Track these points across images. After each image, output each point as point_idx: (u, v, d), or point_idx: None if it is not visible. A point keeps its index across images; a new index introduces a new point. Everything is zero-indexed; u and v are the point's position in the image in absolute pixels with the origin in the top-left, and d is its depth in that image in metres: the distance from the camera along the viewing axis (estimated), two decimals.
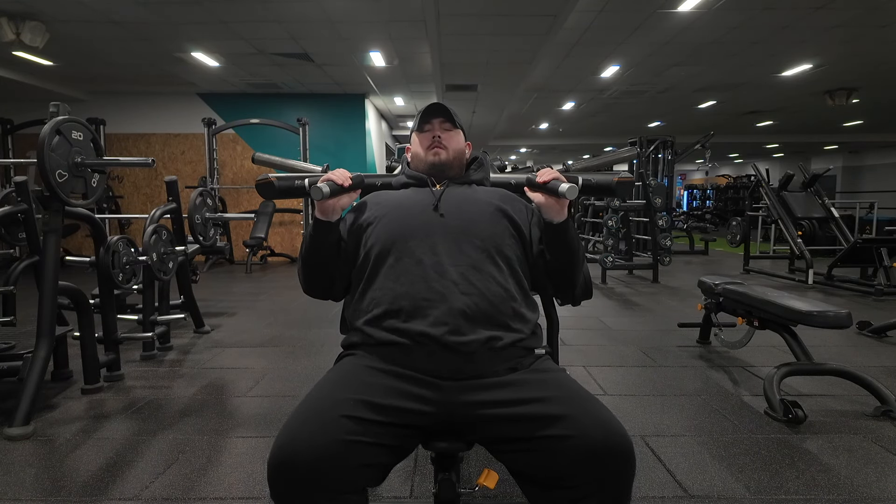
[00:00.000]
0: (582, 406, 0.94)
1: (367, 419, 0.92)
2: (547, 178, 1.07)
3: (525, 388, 0.99)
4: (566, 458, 0.89)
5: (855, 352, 3.03)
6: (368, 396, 0.95)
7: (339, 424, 0.90)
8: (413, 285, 1.05)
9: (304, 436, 0.88)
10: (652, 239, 5.58)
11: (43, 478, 1.67)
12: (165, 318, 3.04)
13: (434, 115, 1.28)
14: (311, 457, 0.86)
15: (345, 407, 0.93)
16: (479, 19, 4.67)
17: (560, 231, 1.11)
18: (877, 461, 1.76)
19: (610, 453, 0.88)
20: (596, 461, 0.87)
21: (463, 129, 1.32)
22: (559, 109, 9.65)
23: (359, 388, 0.98)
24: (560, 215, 1.09)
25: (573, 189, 1.02)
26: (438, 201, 1.17)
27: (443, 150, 1.26)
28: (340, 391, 0.97)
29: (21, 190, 2.47)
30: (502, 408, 0.96)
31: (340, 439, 0.88)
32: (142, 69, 6.30)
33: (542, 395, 0.97)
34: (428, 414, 0.98)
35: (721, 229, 11.45)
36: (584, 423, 0.90)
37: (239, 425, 2.07)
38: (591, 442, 0.88)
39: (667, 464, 1.74)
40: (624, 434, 0.90)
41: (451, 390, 0.99)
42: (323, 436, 0.88)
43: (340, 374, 1.04)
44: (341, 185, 1.08)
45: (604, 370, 2.72)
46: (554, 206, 1.08)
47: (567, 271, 1.16)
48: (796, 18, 4.84)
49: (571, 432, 0.89)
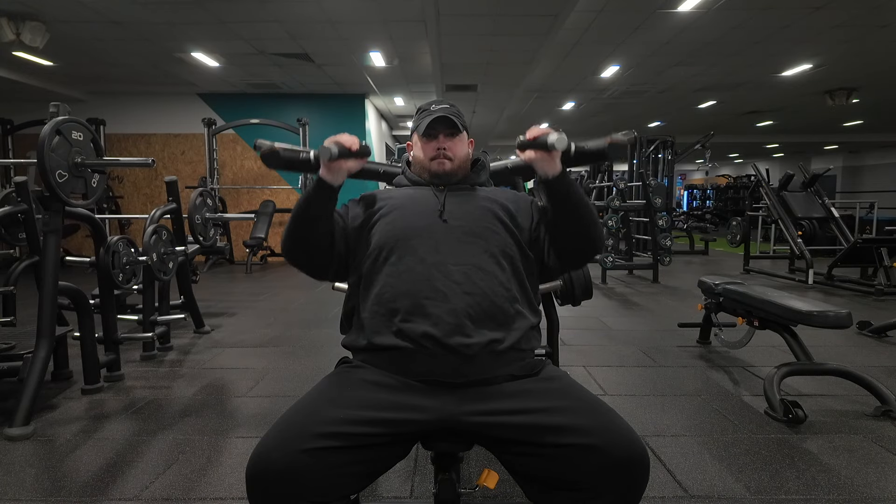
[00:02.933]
0: (598, 415, 0.95)
1: (351, 433, 0.92)
2: (536, 134, 1.06)
3: (530, 397, 0.99)
4: (584, 467, 0.90)
5: (855, 352, 3.03)
6: (359, 411, 0.95)
7: (316, 436, 0.90)
8: (415, 284, 1.05)
9: (278, 445, 0.89)
10: (652, 239, 5.58)
11: (43, 478, 1.67)
12: (165, 318, 3.04)
13: (439, 126, 1.23)
14: (282, 466, 0.87)
15: (326, 419, 0.93)
16: (479, 19, 4.67)
17: (558, 185, 1.08)
18: (877, 461, 1.76)
19: (631, 465, 0.89)
20: (617, 472, 0.89)
21: (466, 127, 1.30)
22: (559, 109, 9.64)
23: (349, 402, 0.97)
24: (553, 168, 1.07)
25: (561, 139, 1.02)
26: (443, 204, 1.17)
27: (448, 161, 1.23)
28: (326, 405, 0.97)
29: (21, 190, 2.47)
30: (505, 416, 0.96)
31: (314, 448, 0.89)
32: (142, 69, 6.30)
33: (549, 405, 0.97)
34: (425, 422, 0.97)
35: (721, 229, 11.43)
36: (603, 434, 0.91)
37: (239, 425, 2.07)
38: (614, 454, 0.89)
39: (667, 464, 1.74)
40: (643, 447, 0.92)
41: (451, 401, 0.98)
42: (296, 446, 0.89)
43: (333, 386, 1.03)
44: (349, 149, 1.08)
45: (604, 370, 2.72)
46: (545, 158, 1.06)
47: (581, 229, 1.11)
48: (796, 18, 4.84)
49: (590, 441, 0.90)
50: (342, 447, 0.91)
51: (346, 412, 0.94)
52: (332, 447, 0.90)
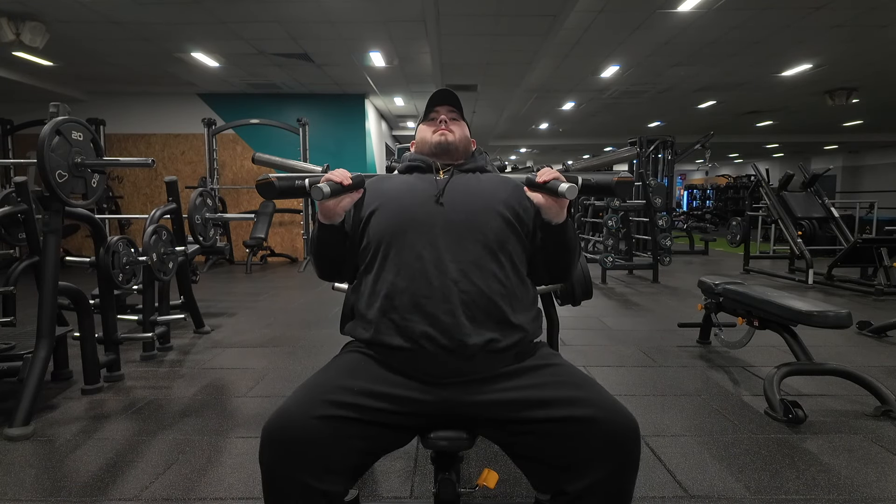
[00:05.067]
0: (588, 390, 0.98)
1: (362, 405, 0.96)
2: (547, 178, 1.05)
3: (525, 375, 1.03)
4: (580, 440, 0.92)
5: (855, 352, 3.03)
6: (369, 384, 1.00)
7: (331, 404, 0.94)
8: (413, 281, 1.04)
9: (296, 409, 0.93)
10: (652, 239, 5.58)
11: (43, 478, 1.67)
12: (165, 318, 3.04)
13: (441, 102, 1.30)
14: (297, 432, 0.91)
15: (341, 388, 0.98)
16: (479, 19, 4.67)
17: (559, 232, 1.11)
18: (877, 461, 1.76)
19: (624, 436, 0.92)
20: (611, 444, 0.91)
21: (467, 123, 1.33)
22: (559, 109, 9.65)
23: (360, 375, 1.02)
24: (559, 216, 1.09)
25: (573, 189, 1.02)
26: (442, 192, 1.14)
27: (450, 133, 1.26)
28: (335, 378, 1.02)
29: (21, 190, 2.47)
30: (500, 393, 1.00)
31: (330, 416, 0.93)
32: (142, 69, 6.30)
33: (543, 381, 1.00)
34: (431, 403, 1.00)
35: (721, 229, 11.44)
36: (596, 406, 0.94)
37: (239, 425, 2.07)
38: (607, 427, 0.92)
39: (667, 464, 1.74)
40: (634, 420, 0.95)
41: (454, 388, 1.01)
42: (313, 413, 0.92)
43: (343, 362, 1.08)
44: (341, 184, 1.07)
45: (604, 370, 2.72)
46: (553, 206, 1.07)
47: (563, 268, 1.18)
48: (796, 18, 4.84)
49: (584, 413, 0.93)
50: (353, 419, 0.95)
51: (360, 384, 0.99)
52: (343, 417, 0.94)
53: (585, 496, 0.91)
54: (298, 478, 0.90)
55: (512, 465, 1.43)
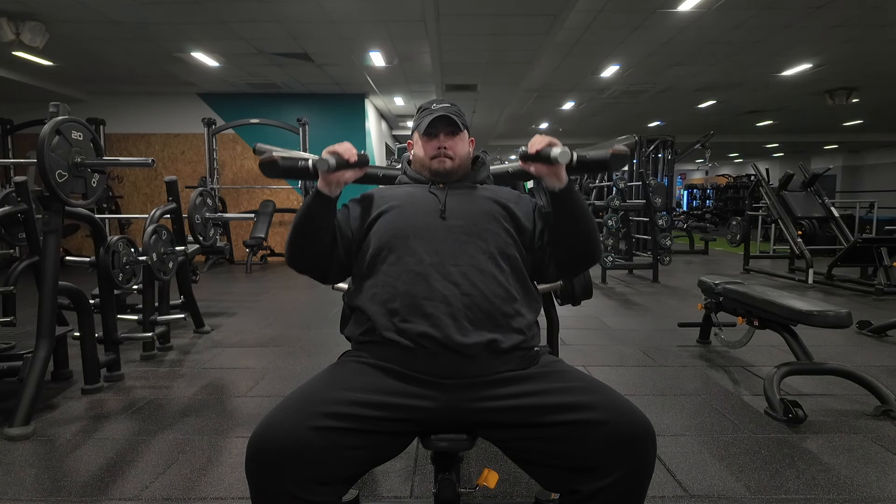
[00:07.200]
0: (599, 393, 0.97)
1: (361, 415, 0.94)
2: (539, 147, 1.05)
3: (529, 381, 1.01)
4: (590, 444, 0.92)
5: (855, 351, 3.03)
6: (367, 394, 0.97)
7: (326, 415, 0.92)
8: (414, 284, 1.05)
9: (286, 420, 0.91)
10: (652, 238, 5.58)
11: (43, 478, 1.67)
12: (165, 318, 3.04)
13: (440, 125, 1.23)
14: (289, 442, 0.88)
15: (337, 399, 0.95)
16: (479, 19, 4.67)
17: (562, 198, 1.09)
18: (877, 461, 1.76)
19: (636, 439, 0.91)
20: (624, 447, 0.91)
21: (467, 126, 1.30)
22: (559, 109, 9.64)
23: (356, 385, 0.99)
24: (559, 181, 1.07)
25: (565, 153, 1.02)
26: (444, 204, 1.16)
27: (448, 160, 1.23)
28: (336, 387, 0.99)
29: (21, 190, 2.47)
30: (505, 400, 0.98)
31: (326, 427, 0.90)
32: (142, 69, 6.29)
33: (549, 387, 0.99)
34: (429, 409, 0.99)
35: (721, 229, 11.43)
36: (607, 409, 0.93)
37: (239, 425, 2.07)
38: (619, 429, 0.91)
39: (667, 463, 1.74)
40: (648, 421, 0.94)
41: (455, 389, 1.00)
42: (306, 423, 0.90)
43: (340, 372, 1.05)
44: (347, 160, 1.08)
45: (604, 370, 2.72)
46: (550, 171, 1.06)
47: (582, 234, 1.12)
48: (796, 18, 4.84)
49: (595, 417, 0.92)
50: (350, 429, 0.93)
51: (355, 395, 0.96)
52: (340, 427, 0.92)
53: (598, 495, 0.91)
54: (289, 490, 0.87)
55: (512, 465, 1.43)
